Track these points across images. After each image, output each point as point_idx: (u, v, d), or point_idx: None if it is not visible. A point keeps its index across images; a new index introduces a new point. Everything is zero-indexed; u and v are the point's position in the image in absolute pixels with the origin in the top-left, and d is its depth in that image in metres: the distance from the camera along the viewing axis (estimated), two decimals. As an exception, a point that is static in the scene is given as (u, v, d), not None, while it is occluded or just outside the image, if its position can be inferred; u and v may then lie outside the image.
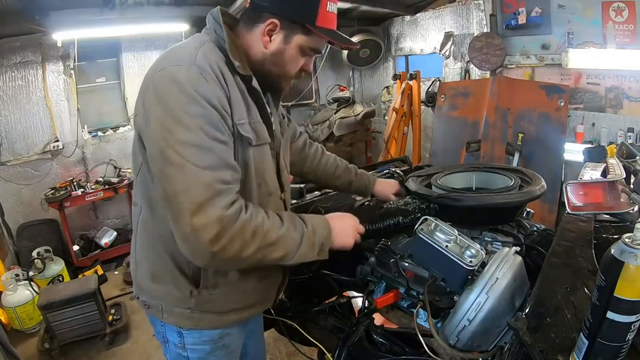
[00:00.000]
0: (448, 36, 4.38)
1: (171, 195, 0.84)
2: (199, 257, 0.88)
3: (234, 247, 0.86)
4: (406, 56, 5.08)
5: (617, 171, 1.33)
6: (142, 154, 0.95)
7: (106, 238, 4.15)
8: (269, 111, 1.06)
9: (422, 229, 1.04)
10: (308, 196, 1.66)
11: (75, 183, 3.88)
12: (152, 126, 0.87)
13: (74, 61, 3.92)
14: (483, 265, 0.95)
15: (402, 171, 1.89)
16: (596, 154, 1.57)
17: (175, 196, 0.84)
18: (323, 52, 1.17)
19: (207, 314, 1.07)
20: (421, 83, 4.24)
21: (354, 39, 4.80)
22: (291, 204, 1.57)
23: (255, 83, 0.98)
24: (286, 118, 1.28)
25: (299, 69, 1.05)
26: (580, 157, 1.72)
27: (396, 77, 4.31)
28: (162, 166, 0.86)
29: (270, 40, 0.98)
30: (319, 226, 1.01)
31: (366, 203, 1.58)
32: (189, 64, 0.88)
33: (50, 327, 2.71)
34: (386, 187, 1.50)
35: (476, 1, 3.99)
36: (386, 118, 4.86)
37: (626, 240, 0.60)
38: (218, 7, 1.01)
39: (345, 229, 1.08)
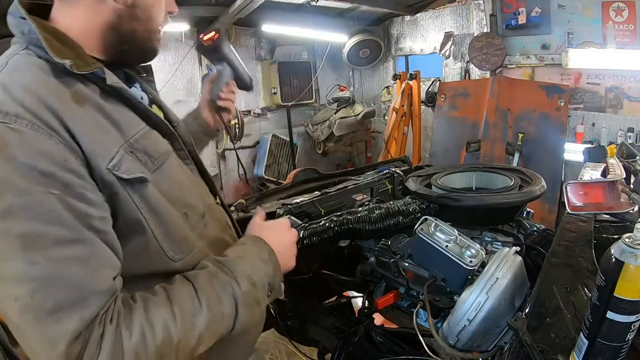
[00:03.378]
0: (448, 36, 4.38)
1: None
2: None
3: None
4: (406, 56, 5.08)
5: (617, 171, 1.33)
6: None
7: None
8: (147, 100, 0.79)
9: (422, 229, 1.04)
10: (308, 197, 1.66)
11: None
12: None
13: (74, 61, 3.90)
14: (483, 265, 0.95)
15: (402, 171, 1.89)
16: (596, 154, 1.57)
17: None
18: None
19: None
20: (421, 83, 4.24)
21: (354, 39, 4.81)
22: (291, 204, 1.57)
23: (111, 79, 0.66)
24: None
25: (164, 12, 0.80)
26: (580, 157, 1.72)
27: (396, 77, 4.31)
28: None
29: None
30: (258, 265, 0.73)
31: (366, 203, 1.58)
32: None
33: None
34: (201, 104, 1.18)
35: (476, 1, 3.99)
36: (386, 118, 4.86)
37: (626, 240, 0.60)
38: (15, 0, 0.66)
39: (287, 248, 0.83)
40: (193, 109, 1.20)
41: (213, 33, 1.13)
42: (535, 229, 1.35)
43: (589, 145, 2.81)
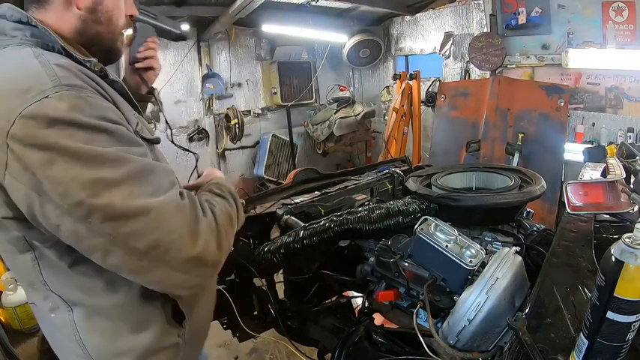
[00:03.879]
0: (448, 36, 4.38)
1: (152, 247, 0.66)
2: (206, 276, 0.77)
3: (227, 238, 0.79)
4: (406, 56, 5.08)
5: (617, 171, 1.33)
6: (38, 248, 0.72)
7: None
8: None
9: (422, 229, 1.04)
10: (308, 197, 1.66)
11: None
12: (69, 192, 0.61)
13: (74, 61, 3.90)
14: (483, 265, 0.95)
15: (402, 171, 1.89)
16: (596, 154, 1.58)
17: (158, 245, 0.66)
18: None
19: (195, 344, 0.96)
20: (421, 83, 4.24)
21: (354, 39, 4.81)
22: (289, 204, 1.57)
23: (111, 74, 0.79)
24: None
25: (125, 15, 0.87)
26: (580, 157, 1.72)
27: (396, 77, 4.31)
28: (111, 230, 0.63)
29: None
30: (227, 185, 0.95)
31: (366, 203, 1.58)
32: (57, 88, 0.63)
33: (50, 327, 2.71)
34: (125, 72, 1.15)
35: (476, 1, 3.99)
36: (386, 118, 4.86)
37: (626, 240, 0.60)
38: (5, 4, 0.74)
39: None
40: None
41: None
42: (535, 229, 1.35)
43: (589, 145, 2.81)
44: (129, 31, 1.06)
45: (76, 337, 0.78)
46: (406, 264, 1.13)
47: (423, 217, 1.09)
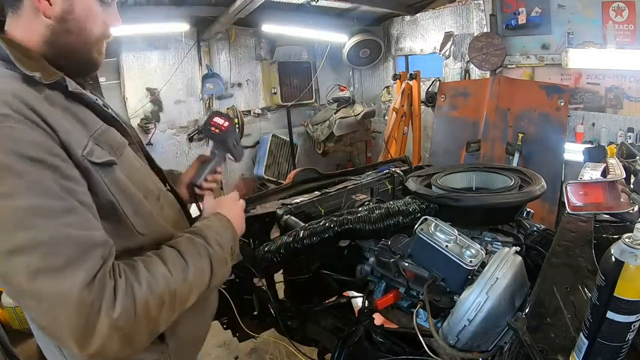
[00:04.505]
0: (448, 36, 4.38)
1: (46, 329, 0.61)
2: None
3: (143, 332, 0.65)
4: (406, 56, 5.08)
5: (617, 171, 1.33)
6: None
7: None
8: (101, 102, 0.83)
9: (422, 229, 1.04)
10: (308, 197, 1.66)
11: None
12: None
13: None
14: (483, 265, 0.95)
15: (402, 171, 1.89)
16: (596, 154, 1.58)
17: (50, 332, 0.61)
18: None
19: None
20: (421, 83, 4.24)
21: (354, 39, 4.81)
22: (289, 204, 1.57)
23: (72, 85, 0.73)
24: None
25: (103, 24, 0.80)
26: (580, 157, 1.72)
27: (396, 77, 4.31)
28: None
29: (50, 3, 0.72)
30: (222, 232, 0.85)
31: (366, 203, 1.58)
32: None
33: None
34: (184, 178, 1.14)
35: (476, 1, 3.99)
36: (386, 118, 4.86)
37: (626, 240, 0.60)
38: None
39: (238, 215, 0.95)
40: (176, 172, 1.16)
41: (223, 120, 1.07)
42: (535, 229, 1.35)
43: (589, 145, 2.81)
44: (214, 151, 1.08)
45: (55, 344, 0.81)
46: (406, 264, 1.13)
47: (423, 217, 1.09)
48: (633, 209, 1.21)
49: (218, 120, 1.06)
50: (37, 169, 0.60)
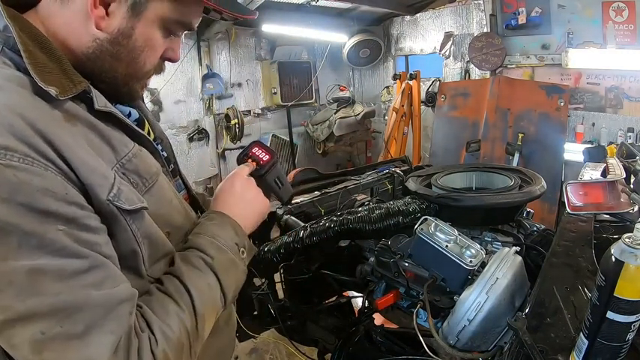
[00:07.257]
0: (448, 36, 4.38)
1: None
2: None
3: None
4: (406, 56, 5.08)
5: (617, 171, 1.33)
6: None
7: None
8: (136, 114, 0.72)
9: (422, 229, 1.04)
10: (308, 197, 1.66)
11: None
12: None
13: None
14: (483, 265, 0.95)
15: (402, 171, 1.89)
16: (596, 154, 1.57)
17: None
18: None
19: None
20: (421, 83, 4.24)
21: (354, 39, 4.81)
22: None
23: (100, 102, 0.59)
24: None
25: (160, 57, 0.68)
26: (580, 157, 1.72)
27: (396, 77, 4.31)
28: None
29: (108, 14, 0.58)
30: (218, 232, 0.72)
31: (366, 203, 1.58)
32: None
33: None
34: None
35: (476, 1, 3.99)
36: (386, 118, 4.86)
37: (626, 240, 0.60)
38: None
39: (241, 198, 0.81)
40: (208, 198, 0.99)
41: (264, 153, 0.89)
42: (535, 229, 1.35)
43: (589, 145, 2.81)
44: None
45: None
46: (406, 264, 1.13)
47: (423, 217, 1.09)
48: (633, 209, 1.21)
49: (256, 151, 0.88)
50: (48, 226, 0.48)
